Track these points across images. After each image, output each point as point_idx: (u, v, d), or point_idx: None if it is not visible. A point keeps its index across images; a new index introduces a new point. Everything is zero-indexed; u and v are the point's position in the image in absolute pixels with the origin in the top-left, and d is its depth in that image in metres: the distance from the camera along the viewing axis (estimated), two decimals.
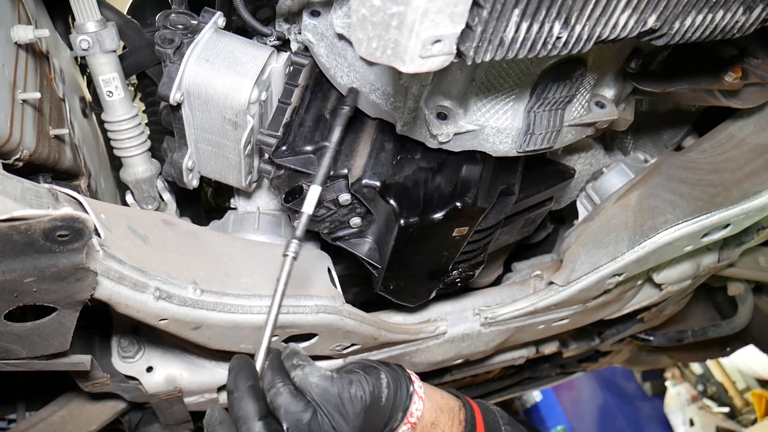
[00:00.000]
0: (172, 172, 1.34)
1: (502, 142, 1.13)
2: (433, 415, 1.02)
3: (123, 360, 1.40)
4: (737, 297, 2.23)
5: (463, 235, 1.23)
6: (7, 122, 0.97)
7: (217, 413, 0.89)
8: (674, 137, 1.65)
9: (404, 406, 0.99)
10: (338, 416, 0.89)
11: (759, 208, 1.37)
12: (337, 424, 0.89)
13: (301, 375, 0.91)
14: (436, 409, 1.03)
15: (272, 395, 0.89)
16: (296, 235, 0.95)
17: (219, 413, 0.89)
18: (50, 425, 1.52)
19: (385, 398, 0.96)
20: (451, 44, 0.69)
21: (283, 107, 1.20)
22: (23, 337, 0.99)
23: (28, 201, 0.86)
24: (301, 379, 0.91)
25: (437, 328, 1.61)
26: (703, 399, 5.48)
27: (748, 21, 0.88)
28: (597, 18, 0.76)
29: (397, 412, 0.98)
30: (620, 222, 1.47)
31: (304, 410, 0.88)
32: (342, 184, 1.19)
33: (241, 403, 0.87)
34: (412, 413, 0.99)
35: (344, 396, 0.91)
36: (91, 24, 1.18)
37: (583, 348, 2.39)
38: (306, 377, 0.91)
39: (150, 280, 1.05)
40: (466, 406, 1.09)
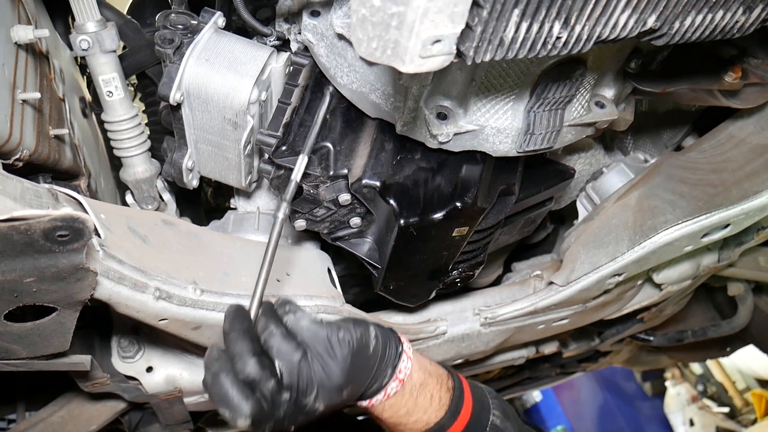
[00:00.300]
0: (172, 172, 1.34)
1: (502, 142, 1.13)
2: (421, 377, 1.06)
3: (123, 360, 1.40)
4: (737, 297, 2.23)
5: (463, 235, 1.23)
6: (7, 122, 0.97)
7: (215, 351, 0.94)
8: (674, 137, 1.65)
9: (393, 364, 1.03)
10: (327, 356, 0.95)
11: (759, 208, 1.37)
12: (325, 364, 0.94)
13: (293, 319, 0.97)
14: (425, 371, 1.08)
15: (266, 336, 0.94)
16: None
17: (217, 351, 0.94)
18: (50, 425, 1.52)
19: (373, 348, 1.00)
20: (451, 44, 0.69)
21: (283, 107, 1.20)
22: (23, 337, 0.99)
23: (28, 201, 0.86)
24: (293, 323, 0.97)
25: (437, 328, 1.61)
26: (703, 399, 5.48)
27: (748, 21, 0.88)
28: (597, 18, 0.76)
29: (386, 369, 1.03)
30: (620, 222, 1.47)
31: (295, 350, 0.93)
32: (342, 184, 1.19)
33: (237, 342, 0.92)
34: (401, 370, 1.03)
35: (332, 339, 0.96)
36: (91, 24, 1.18)
37: (583, 348, 2.39)
38: (297, 321, 0.97)
39: (150, 280, 1.05)
40: (454, 376, 1.13)
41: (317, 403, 0.94)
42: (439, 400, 1.07)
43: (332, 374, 0.94)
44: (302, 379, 0.93)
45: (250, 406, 0.88)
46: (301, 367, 0.93)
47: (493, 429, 1.10)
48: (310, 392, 0.93)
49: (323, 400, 0.95)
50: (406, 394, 1.04)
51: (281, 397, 0.91)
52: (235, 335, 0.93)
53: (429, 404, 1.06)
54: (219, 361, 0.93)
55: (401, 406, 1.05)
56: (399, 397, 1.04)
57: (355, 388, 0.99)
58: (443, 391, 1.08)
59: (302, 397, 0.93)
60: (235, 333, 0.93)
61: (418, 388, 1.05)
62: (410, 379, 1.04)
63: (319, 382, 0.94)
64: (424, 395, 1.06)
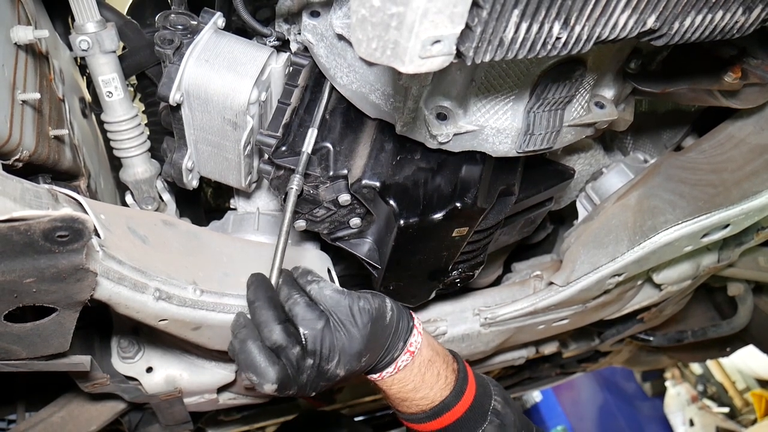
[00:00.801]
0: (171, 172, 1.34)
1: (501, 142, 1.13)
2: (430, 353, 1.11)
3: (123, 360, 1.40)
4: (737, 297, 2.23)
5: (463, 235, 1.23)
6: (7, 123, 0.97)
7: (242, 319, 0.99)
8: (674, 137, 1.65)
9: (405, 337, 1.08)
10: (348, 324, 0.99)
11: (759, 209, 1.37)
12: (347, 331, 0.99)
13: (317, 288, 1.02)
14: (433, 349, 1.12)
15: (290, 305, 0.99)
16: (298, 171, 1.11)
17: (243, 319, 0.99)
18: (50, 426, 1.52)
19: (389, 318, 1.05)
20: (450, 45, 0.69)
21: (282, 108, 1.20)
22: (23, 338, 0.99)
23: (28, 201, 0.86)
24: (317, 292, 1.01)
25: (437, 328, 1.61)
26: (703, 399, 5.48)
27: (748, 21, 0.88)
28: (596, 18, 0.76)
29: (398, 341, 1.07)
30: (620, 222, 1.47)
31: (318, 318, 0.98)
32: (342, 185, 1.19)
33: (262, 311, 0.96)
34: (412, 343, 1.08)
35: (354, 307, 1.01)
36: (91, 24, 1.18)
37: (582, 348, 2.39)
38: (321, 290, 1.01)
39: (150, 281, 1.05)
40: (459, 361, 1.17)
41: (338, 369, 0.99)
42: (445, 378, 1.11)
43: (353, 341, 0.98)
44: (325, 345, 0.97)
45: (276, 371, 0.92)
46: (324, 333, 0.97)
47: (494, 413, 1.13)
48: (332, 358, 0.98)
49: (344, 366, 0.99)
50: (415, 369, 1.08)
51: (305, 362, 0.95)
52: (261, 304, 0.97)
53: (435, 381, 1.10)
54: (246, 328, 0.97)
55: (409, 380, 1.08)
56: (408, 371, 1.08)
57: (372, 356, 1.03)
58: (449, 371, 1.12)
59: (325, 362, 0.97)
60: (261, 302, 0.97)
61: (426, 364, 1.09)
62: (420, 353, 1.08)
63: (341, 348, 0.98)
64: (431, 371, 1.09)
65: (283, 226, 1.08)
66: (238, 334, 0.97)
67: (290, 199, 1.10)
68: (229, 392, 1.65)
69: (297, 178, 1.11)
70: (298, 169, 1.13)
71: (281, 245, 1.06)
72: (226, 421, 2.20)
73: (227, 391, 1.64)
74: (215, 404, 1.65)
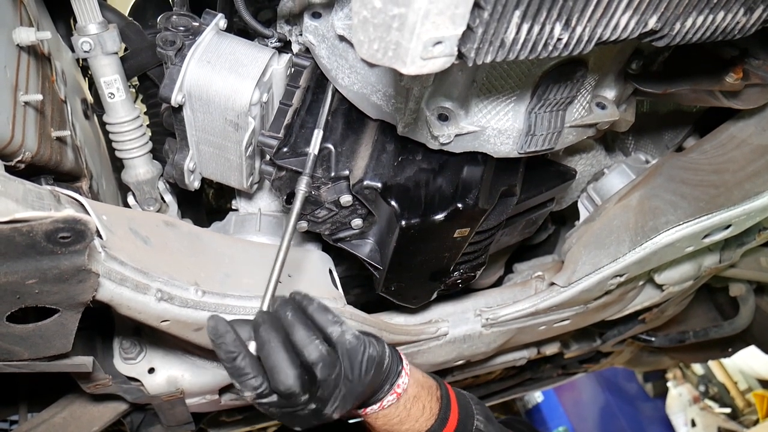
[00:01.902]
0: (173, 173, 1.34)
1: (503, 143, 1.13)
2: (416, 390, 1.11)
3: (125, 361, 1.40)
4: (739, 297, 2.23)
5: (465, 236, 1.23)
6: (9, 124, 0.97)
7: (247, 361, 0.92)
8: (675, 138, 1.65)
9: (393, 380, 1.08)
10: (357, 371, 0.98)
11: (760, 209, 1.36)
12: (354, 377, 0.97)
13: (339, 331, 0.98)
14: (419, 385, 1.12)
15: (309, 351, 0.94)
16: (305, 172, 1.11)
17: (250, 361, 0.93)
18: (52, 426, 1.52)
19: (386, 365, 1.05)
20: (452, 46, 0.69)
21: (284, 109, 1.20)
22: (25, 339, 0.99)
23: (30, 203, 0.86)
24: (338, 335, 0.97)
25: (438, 329, 1.61)
26: (705, 400, 5.47)
27: (749, 22, 0.88)
28: (598, 19, 0.77)
29: (386, 384, 1.07)
30: (621, 223, 1.47)
31: (334, 366, 0.95)
32: (343, 186, 1.19)
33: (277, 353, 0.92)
34: (399, 385, 1.08)
35: (365, 355, 0.99)
36: (93, 26, 1.18)
37: (584, 349, 2.38)
38: (343, 334, 0.98)
39: (152, 282, 1.05)
40: (442, 386, 1.18)
41: (335, 413, 0.98)
42: (429, 410, 1.12)
43: (356, 388, 0.98)
44: (332, 392, 0.95)
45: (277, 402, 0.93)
46: (336, 382, 0.95)
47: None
48: (333, 403, 0.96)
49: (340, 410, 0.98)
50: (401, 406, 1.09)
51: (309, 406, 0.95)
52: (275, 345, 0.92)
53: (420, 414, 1.11)
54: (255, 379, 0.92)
55: (394, 415, 1.09)
56: (393, 408, 1.08)
57: (363, 398, 1.03)
58: (433, 402, 1.13)
59: (324, 406, 0.96)
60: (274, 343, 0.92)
61: (411, 401, 1.10)
62: (405, 393, 1.09)
63: (343, 394, 0.97)
64: (416, 406, 1.10)
65: (288, 226, 1.06)
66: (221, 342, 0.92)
67: (297, 200, 1.09)
68: (231, 393, 1.65)
69: (305, 180, 1.10)
70: (306, 170, 1.12)
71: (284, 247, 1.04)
72: (227, 422, 2.20)
73: (229, 392, 1.64)
74: (217, 405, 1.65)
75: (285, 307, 0.98)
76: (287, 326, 0.96)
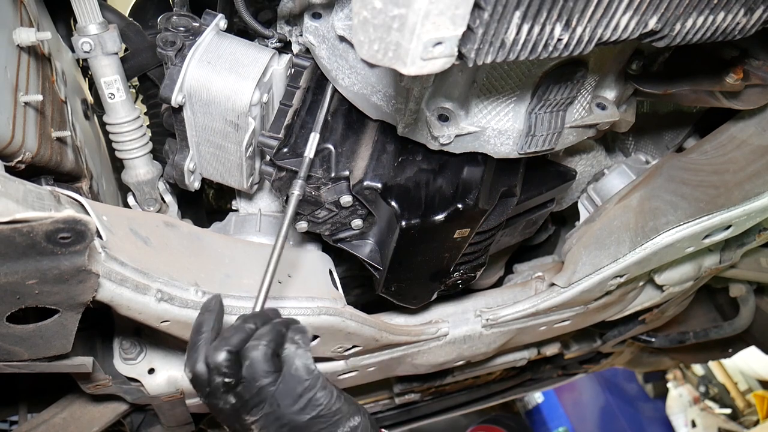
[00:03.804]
0: (173, 173, 1.34)
1: (503, 143, 1.13)
2: None
3: (125, 362, 1.40)
4: (739, 298, 2.23)
5: (465, 236, 1.23)
6: (10, 124, 0.97)
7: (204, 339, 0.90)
8: (675, 138, 1.65)
9: None
10: (290, 402, 0.89)
11: (760, 210, 1.36)
12: (283, 406, 0.89)
13: (293, 351, 0.91)
14: None
15: (251, 345, 0.90)
16: (300, 176, 1.11)
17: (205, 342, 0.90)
18: (52, 427, 1.52)
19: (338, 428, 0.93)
20: (452, 46, 0.69)
21: (284, 109, 1.20)
22: (25, 339, 0.99)
23: (30, 203, 0.86)
24: (290, 353, 0.91)
25: (439, 329, 1.61)
26: (705, 400, 5.47)
27: (749, 22, 0.88)
28: (598, 20, 0.77)
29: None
30: (622, 223, 1.47)
31: (266, 375, 0.88)
32: (343, 186, 1.19)
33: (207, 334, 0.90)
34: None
35: (307, 394, 0.90)
36: (93, 26, 1.18)
37: (584, 349, 2.38)
38: (294, 357, 0.91)
39: (152, 282, 1.05)
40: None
41: (255, 427, 0.91)
42: None
43: (285, 418, 0.89)
44: (253, 400, 0.89)
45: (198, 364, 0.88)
46: (259, 394, 0.89)
47: None
48: (254, 414, 0.90)
49: (262, 429, 0.91)
50: None
51: (226, 396, 0.89)
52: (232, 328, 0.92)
53: None
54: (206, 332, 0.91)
55: None
56: None
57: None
58: None
59: (244, 413, 0.90)
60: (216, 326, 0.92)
61: None
62: None
63: (266, 413, 0.90)
64: None
65: (282, 228, 1.06)
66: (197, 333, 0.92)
67: (291, 203, 1.09)
68: None
69: (299, 183, 1.10)
70: (301, 173, 1.12)
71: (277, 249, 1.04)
72: None
73: None
74: None
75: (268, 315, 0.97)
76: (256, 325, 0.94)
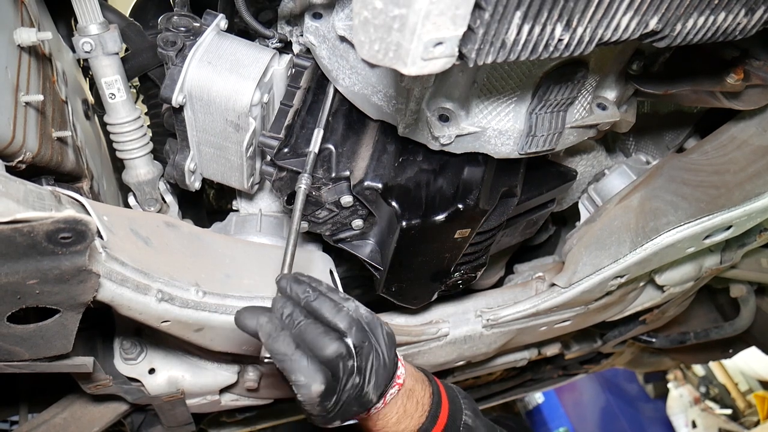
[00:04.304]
0: (174, 174, 1.34)
1: (504, 143, 1.13)
2: (411, 382, 1.10)
3: (125, 362, 1.40)
4: (739, 298, 2.23)
5: (465, 237, 1.23)
6: (10, 125, 0.97)
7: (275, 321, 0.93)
8: (676, 139, 1.65)
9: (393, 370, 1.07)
10: (383, 345, 0.98)
11: (761, 210, 1.36)
12: (382, 352, 0.98)
13: (354, 306, 0.99)
14: (413, 378, 1.11)
15: (338, 320, 0.95)
16: (306, 170, 1.12)
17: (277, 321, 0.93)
18: (53, 427, 1.52)
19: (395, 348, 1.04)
20: (452, 46, 0.69)
21: (285, 109, 1.20)
22: (26, 339, 1.00)
23: (31, 203, 0.86)
24: (354, 310, 0.98)
25: (439, 329, 1.61)
26: (706, 401, 5.46)
27: (750, 23, 0.88)
28: (599, 20, 0.77)
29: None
30: (622, 224, 1.47)
31: (366, 335, 0.96)
32: (344, 186, 1.19)
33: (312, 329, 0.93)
34: (399, 375, 1.06)
35: (384, 330, 1.00)
36: (94, 26, 1.18)
37: (585, 350, 2.38)
38: (358, 309, 0.99)
39: (152, 282, 1.05)
40: (432, 381, 1.17)
41: (373, 393, 0.97)
42: (422, 406, 1.10)
43: (386, 363, 0.98)
44: (369, 364, 0.95)
45: (323, 376, 0.90)
46: (370, 351, 0.95)
47: (465, 428, 1.14)
48: (371, 379, 0.96)
49: (376, 390, 0.97)
50: (399, 401, 1.07)
51: (353, 379, 0.94)
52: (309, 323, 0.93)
53: (415, 410, 1.09)
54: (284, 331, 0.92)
55: (393, 413, 1.07)
56: (393, 404, 1.06)
57: (387, 379, 1.01)
58: (426, 397, 1.11)
59: (366, 383, 0.96)
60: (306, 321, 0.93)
61: (407, 394, 1.08)
62: (404, 384, 1.07)
63: (377, 368, 0.97)
64: (411, 401, 1.09)
65: (293, 225, 1.06)
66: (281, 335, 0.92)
67: (299, 198, 1.09)
68: (231, 393, 1.65)
69: (305, 177, 1.11)
70: (306, 168, 1.12)
71: (291, 246, 1.05)
72: (228, 422, 2.20)
73: (229, 393, 1.64)
74: (217, 405, 1.65)
75: (301, 286, 0.98)
76: (310, 304, 0.96)
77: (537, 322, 1.68)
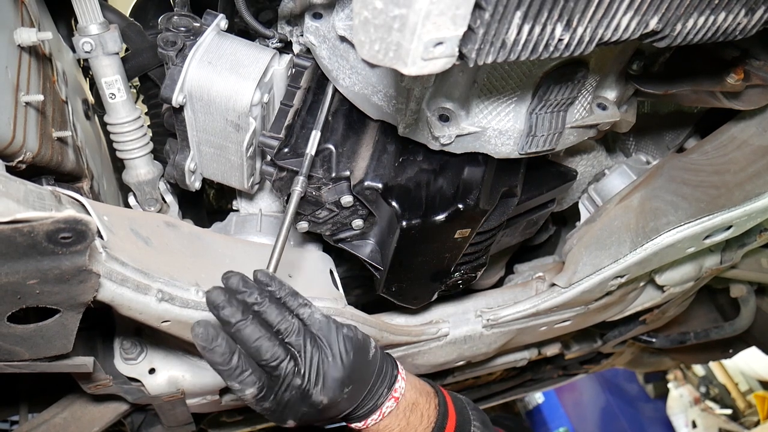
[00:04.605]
0: (174, 174, 1.34)
1: (504, 143, 1.13)
2: (414, 396, 1.10)
3: (125, 362, 1.40)
4: (739, 298, 2.23)
5: (465, 237, 1.23)
6: (10, 124, 0.97)
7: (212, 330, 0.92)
8: (676, 139, 1.65)
9: (389, 384, 1.07)
10: (335, 348, 1.00)
11: (761, 210, 1.36)
12: (333, 354, 0.99)
13: (308, 312, 1.01)
14: (416, 391, 1.12)
15: (284, 326, 0.97)
16: (302, 173, 1.12)
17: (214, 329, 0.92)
18: (53, 427, 1.52)
19: (371, 355, 1.05)
20: (453, 46, 0.69)
21: (285, 109, 1.20)
22: (26, 339, 0.99)
23: (31, 203, 0.86)
24: (308, 315, 1.01)
25: (439, 329, 1.61)
26: (706, 401, 5.46)
27: (750, 23, 0.88)
28: (599, 20, 0.77)
29: (382, 387, 1.06)
30: (622, 224, 1.47)
31: (312, 340, 0.98)
32: (344, 186, 1.19)
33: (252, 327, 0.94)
34: (396, 389, 1.07)
35: (339, 334, 1.01)
36: (94, 26, 1.18)
37: (585, 350, 2.38)
38: (312, 314, 1.01)
39: (153, 282, 1.05)
40: (438, 391, 1.17)
41: (321, 395, 0.97)
42: (428, 418, 1.10)
43: (337, 365, 0.98)
44: (313, 367, 0.96)
45: (258, 377, 0.93)
46: (314, 355, 0.97)
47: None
48: (317, 382, 0.97)
49: (327, 393, 0.97)
50: (400, 414, 1.07)
51: (294, 381, 0.95)
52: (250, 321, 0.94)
53: (419, 422, 1.09)
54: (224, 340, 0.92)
55: (394, 426, 1.08)
56: (393, 416, 1.07)
57: (354, 391, 1.01)
58: (431, 409, 1.12)
59: (310, 385, 0.96)
60: (249, 320, 0.94)
61: (410, 408, 1.09)
62: (404, 398, 1.08)
63: (325, 371, 0.97)
64: (415, 414, 1.09)
65: (282, 228, 1.07)
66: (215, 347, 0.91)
67: (293, 200, 1.10)
68: (232, 394, 1.65)
69: (301, 180, 1.11)
70: (302, 171, 1.12)
71: (278, 247, 1.06)
72: (228, 422, 2.20)
73: (230, 393, 1.64)
74: (218, 405, 1.65)
75: (252, 292, 0.98)
76: (259, 309, 0.97)
77: (537, 322, 1.68)
